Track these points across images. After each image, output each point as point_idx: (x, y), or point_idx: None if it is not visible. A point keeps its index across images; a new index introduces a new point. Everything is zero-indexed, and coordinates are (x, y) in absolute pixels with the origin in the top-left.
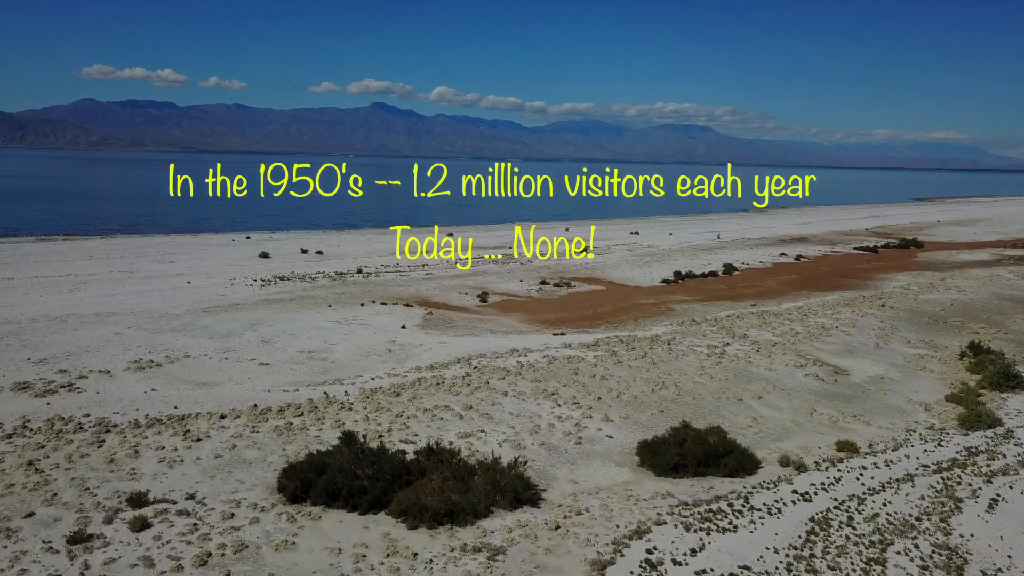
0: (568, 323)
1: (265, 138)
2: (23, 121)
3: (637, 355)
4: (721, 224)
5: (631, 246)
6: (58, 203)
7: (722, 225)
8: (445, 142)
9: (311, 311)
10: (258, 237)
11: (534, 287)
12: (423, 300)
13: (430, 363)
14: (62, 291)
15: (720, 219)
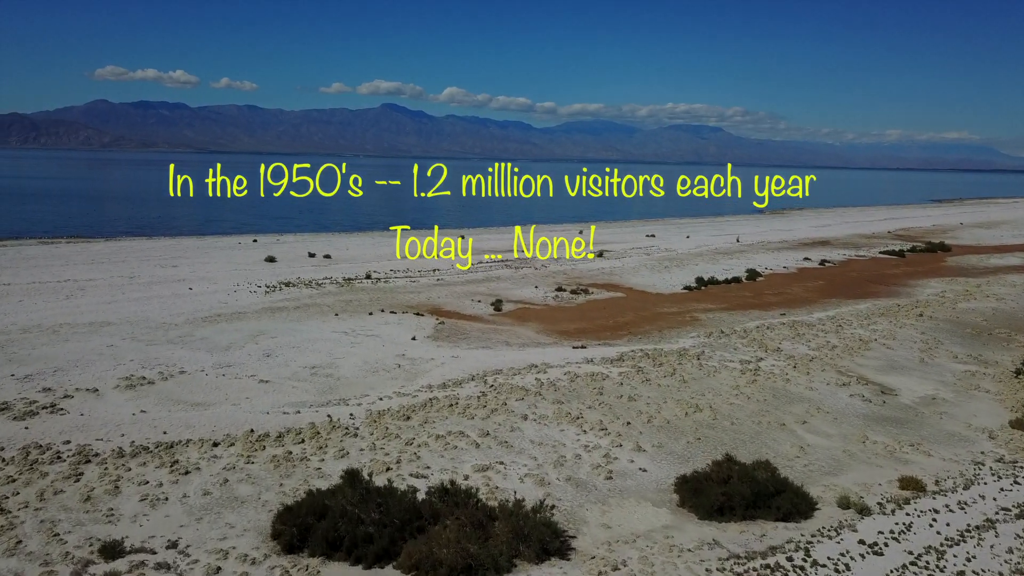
0: (588, 334)
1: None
2: (37, 122)
3: (666, 372)
4: (738, 226)
5: (648, 250)
6: (66, 204)
7: (739, 227)
8: (455, 143)
9: (317, 321)
10: (265, 240)
11: (550, 294)
12: (434, 308)
13: (442, 380)
14: (58, 298)
15: (736, 221)
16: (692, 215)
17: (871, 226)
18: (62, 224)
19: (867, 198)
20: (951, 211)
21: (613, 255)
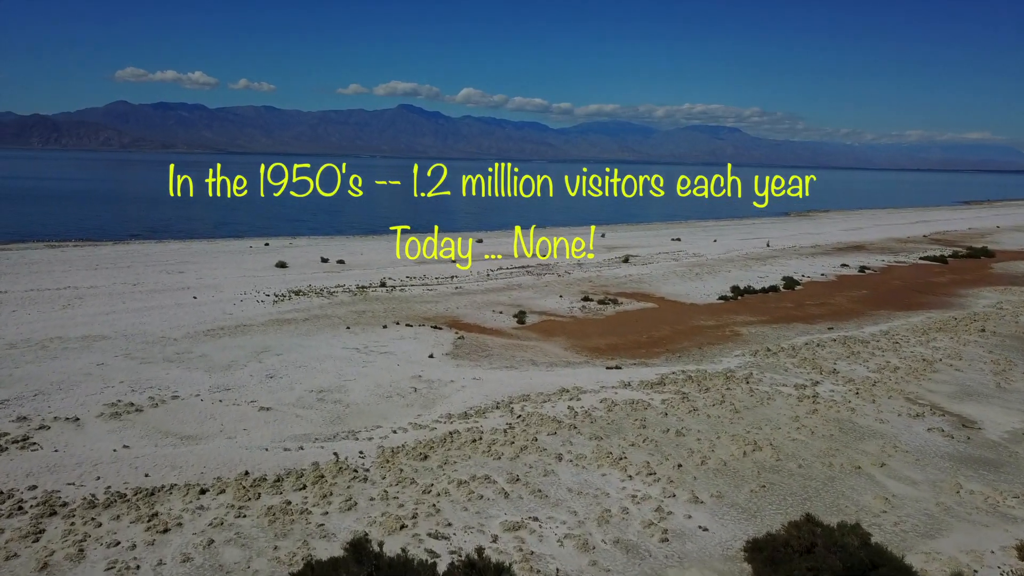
0: (621, 351)
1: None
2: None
3: (713, 399)
4: (765, 229)
5: (675, 254)
6: (79, 206)
7: (766, 230)
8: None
9: (327, 334)
10: (277, 243)
11: (576, 304)
12: (453, 320)
13: (464, 408)
14: (54, 308)
15: (763, 224)
16: (716, 217)
17: (904, 229)
18: (73, 226)
19: (892, 200)
20: (983, 213)
21: (640, 260)
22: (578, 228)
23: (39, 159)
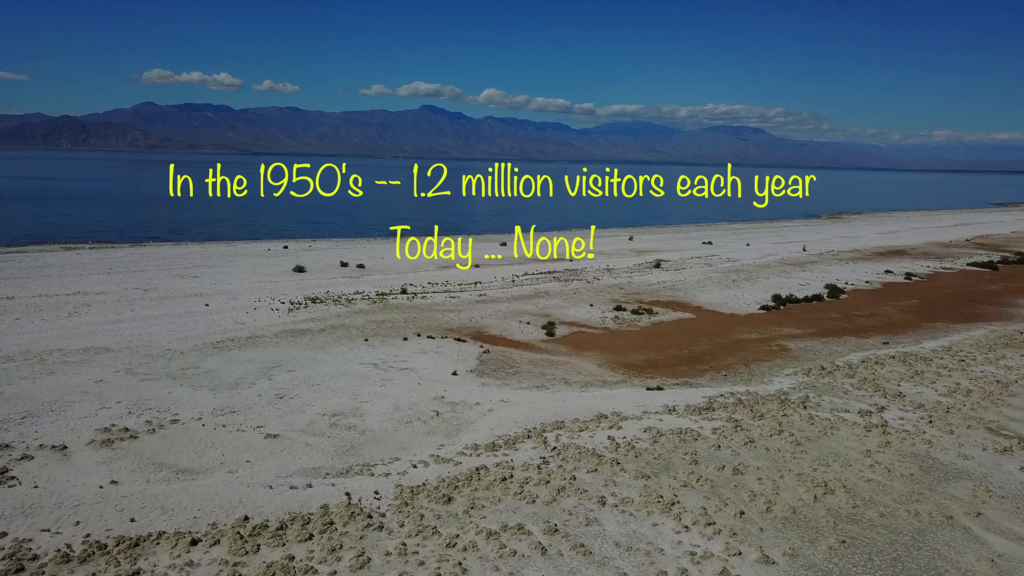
0: (661, 369)
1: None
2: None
3: (770, 428)
4: (797, 232)
5: (709, 259)
6: (100, 207)
7: (799, 233)
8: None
9: (343, 348)
10: (296, 246)
11: (608, 314)
12: (477, 331)
13: (491, 437)
14: (60, 316)
15: (794, 226)
16: (745, 219)
17: (944, 233)
18: (91, 228)
19: (924, 201)
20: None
21: (671, 266)
22: (605, 231)
23: (66, 160)
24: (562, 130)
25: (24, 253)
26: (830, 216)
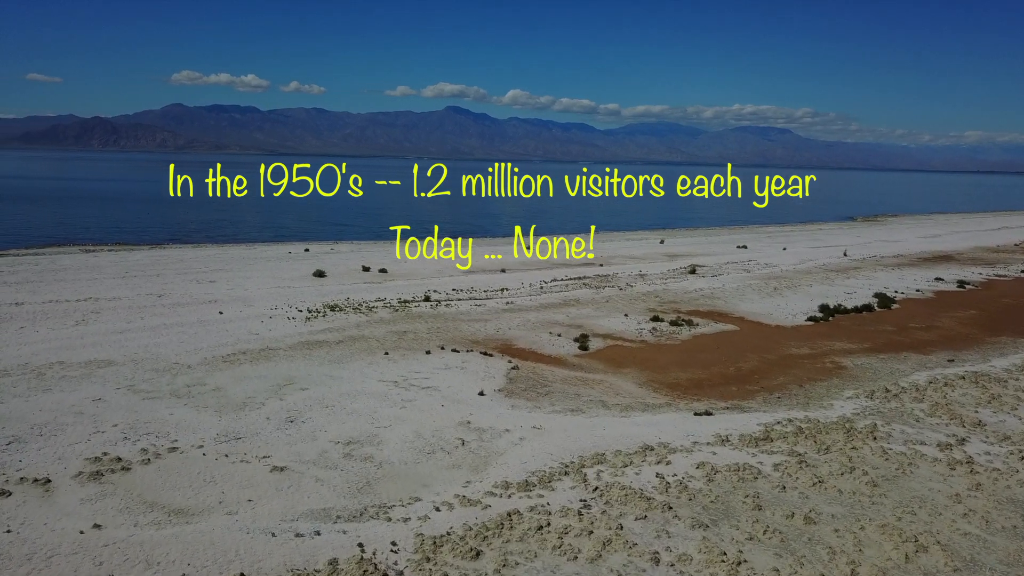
0: (707, 389)
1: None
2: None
3: (839, 464)
4: (834, 236)
5: (746, 264)
6: (124, 208)
7: (836, 237)
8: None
9: (361, 362)
10: (318, 249)
11: (645, 325)
12: (505, 344)
13: (524, 473)
14: (67, 324)
15: (830, 229)
16: (778, 222)
17: (989, 237)
18: (113, 229)
19: (961, 203)
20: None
21: (707, 272)
22: (634, 233)
23: (96, 160)
24: (587, 131)
25: (42, 255)
26: (866, 219)
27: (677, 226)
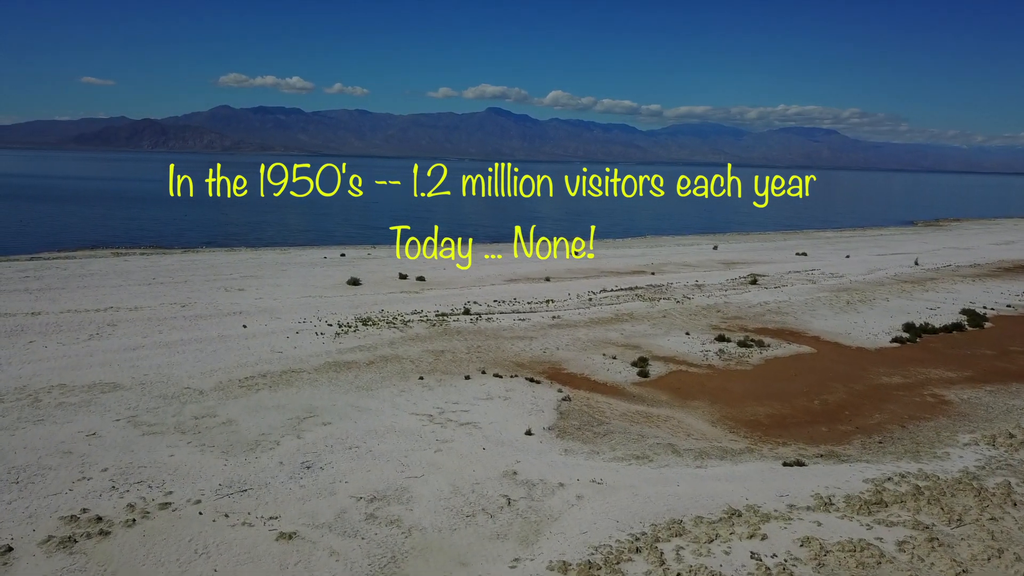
0: (792, 428)
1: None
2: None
3: (982, 543)
4: (898, 242)
5: (810, 274)
6: (164, 209)
7: (901, 243)
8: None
9: (392, 389)
10: (355, 254)
11: (710, 346)
12: (553, 368)
13: (584, 549)
14: (79, 338)
15: (891, 235)
16: (834, 226)
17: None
18: (149, 231)
19: None
20: None
21: (769, 282)
22: (684, 238)
23: (146, 161)
24: (628, 132)
25: (72, 259)
26: (927, 223)
27: (729, 230)
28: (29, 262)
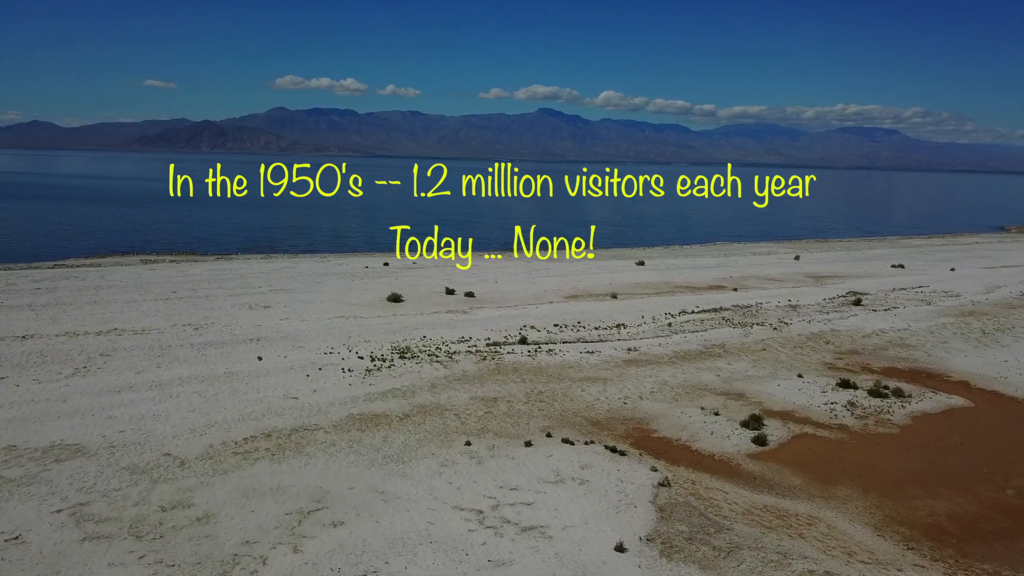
0: (995, 543)
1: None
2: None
3: None
4: (998, 251)
5: (919, 292)
6: (210, 211)
7: (1004, 253)
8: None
9: (431, 461)
10: (399, 264)
11: (834, 395)
12: (639, 428)
13: None
14: (61, 374)
15: (987, 242)
16: (917, 232)
17: None
18: (188, 235)
19: None
20: None
21: (875, 302)
22: (757, 245)
23: (204, 162)
24: (681, 132)
25: (96, 267)
26: (1021, 229)
27: (803, 236)
28: (51, 270)
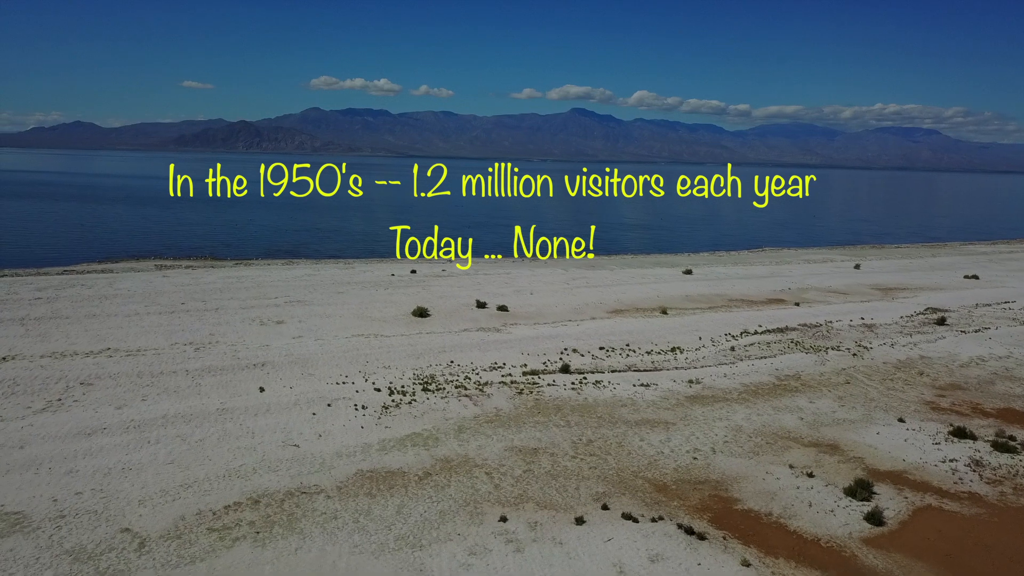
0: None
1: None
2: (260, 129)
3: None
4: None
5: (1007, 309)
6: (237, 213)
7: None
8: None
9: (455, 548)
10: (427, 270)
11: (947, 448)
12: (718, 496)
13: None
14: (30, 410)
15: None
16: (972, 238)
17: None
18: (212, 238)
19: None
20: None
21: (960, 321)
22: (809, 251)
23: (241, 162)
24: (715, 132)
25: (107, 273)
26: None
27: (857, 242)
28: (58, 276)
